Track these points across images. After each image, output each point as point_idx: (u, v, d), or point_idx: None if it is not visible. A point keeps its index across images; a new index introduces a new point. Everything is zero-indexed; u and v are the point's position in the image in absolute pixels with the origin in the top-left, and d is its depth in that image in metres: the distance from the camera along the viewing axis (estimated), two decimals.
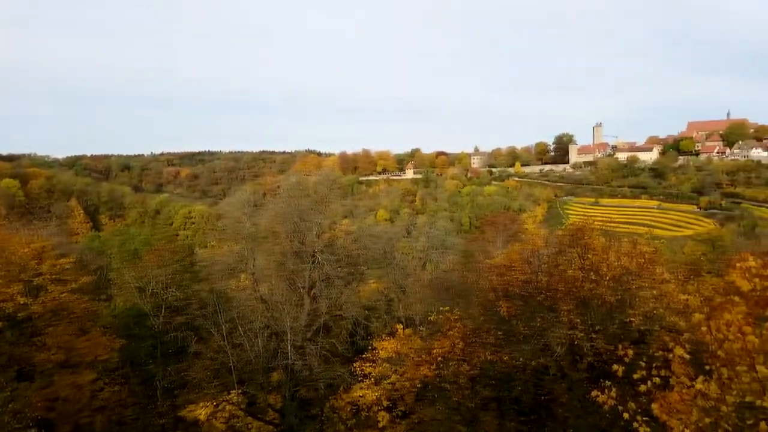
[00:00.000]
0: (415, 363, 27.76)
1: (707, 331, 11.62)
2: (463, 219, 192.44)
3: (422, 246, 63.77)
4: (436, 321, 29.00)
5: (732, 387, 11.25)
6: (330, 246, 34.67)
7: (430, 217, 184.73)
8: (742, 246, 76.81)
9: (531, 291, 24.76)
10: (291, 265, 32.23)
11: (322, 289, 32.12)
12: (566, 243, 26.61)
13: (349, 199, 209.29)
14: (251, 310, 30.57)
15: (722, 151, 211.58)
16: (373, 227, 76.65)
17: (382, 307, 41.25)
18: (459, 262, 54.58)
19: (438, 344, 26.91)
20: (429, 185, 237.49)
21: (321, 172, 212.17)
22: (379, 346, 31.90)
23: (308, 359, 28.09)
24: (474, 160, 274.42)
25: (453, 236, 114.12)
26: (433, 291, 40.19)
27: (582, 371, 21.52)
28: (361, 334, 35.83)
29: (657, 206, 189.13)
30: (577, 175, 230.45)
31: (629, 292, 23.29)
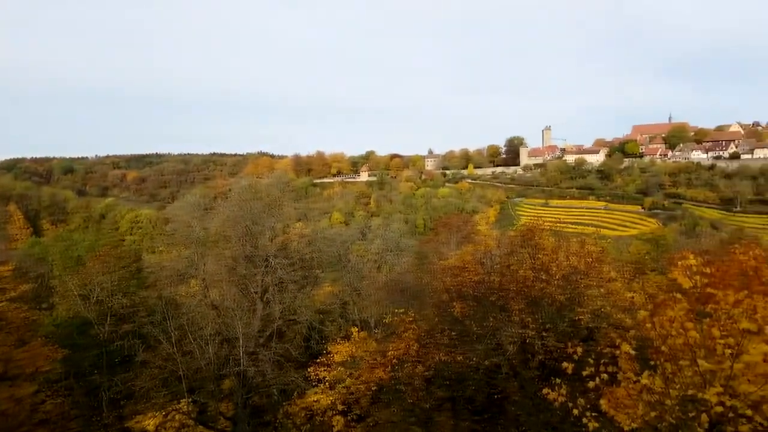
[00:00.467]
0: (370, 366, 27.69)
1: (652, 327, 11.98)
2: (418, 221, 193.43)
3: (377, 248, 63.77)
4: (391, 323, 29.04)
5: (675, 381, 11.61)
6: (283, 250, 34.18)
7: (385, 219, 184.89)
8: (684, 245, 79.86)
9: (484, 291, 25.01)
10: (243, 269, 31.62)
11: (275, 294, 31.62)
12: (517, 243, 27.04)
13: (302, 202, 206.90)
14: (202, 317, 29.83)
15: (664, 154, 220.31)
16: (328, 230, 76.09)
17: (336, 310, 41.01)
18: (414, 264, 54.81)
19: (393, 346, 26.93)
20: (384, 187, 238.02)
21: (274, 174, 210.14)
22: (334, 350, 31.67)
23: (261, 365, 27.61)
24: (428, 163, 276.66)
25: (408, 238, 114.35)
26: (388, 293, 40.15)
27: (533, 369, 21.88)
28: (315, 339, 35.50)
29: (604, 207, 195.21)
30: (528, 177, 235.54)
31: (578, 290, 23.85)
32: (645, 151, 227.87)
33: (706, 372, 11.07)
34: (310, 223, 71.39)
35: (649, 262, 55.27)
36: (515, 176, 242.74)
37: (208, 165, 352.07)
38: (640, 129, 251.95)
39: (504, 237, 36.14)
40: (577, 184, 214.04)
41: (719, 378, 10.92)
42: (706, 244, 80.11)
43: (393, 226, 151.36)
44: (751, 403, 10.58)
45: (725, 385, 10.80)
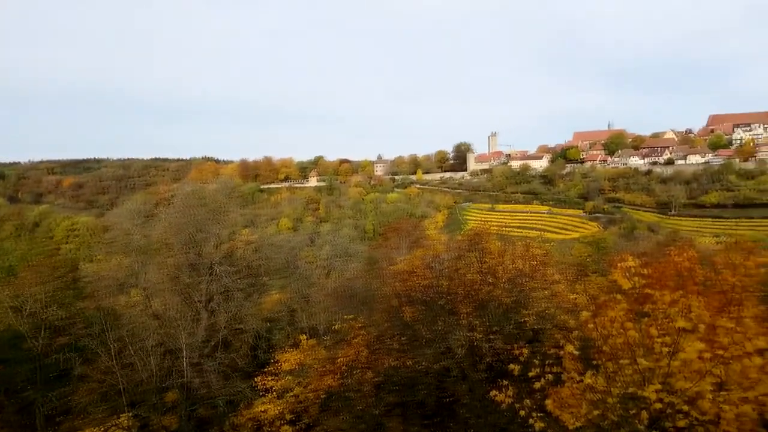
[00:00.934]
0: (320, 373, 27.33)
1: (594, 327, 12.28)
2: (367, 226, 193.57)
3: (326, 254, 63.41)
4: (340, 330, 28.76)
5: (617, 379, 11.93)
6: (229, 257, 33.43)
7: (335, 225, 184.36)
8: (623, 247, 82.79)
9: (433, 295, 25.12)
10: (186, 278, 30.71)
11: (220, 303, 30.85)
12: (465, 248, 27.33)
13: (249, 208, 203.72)
14: (143, 328, 28.75)
15: (604, 159, 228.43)
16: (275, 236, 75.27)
17: (284, 318, 40.35)
18: (363, 270, 54.62)
19: (342, 353, 26.68)
20: (333, 193, 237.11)
21: (219, 180, 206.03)
22: (282, 359, 31.11)
23: (206, 376, 26.87)
24: (377, 168, 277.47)
25: (357, 244, 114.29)
26: (338, 299, 39.84)
27: (481, 372, 22.12)
28: (263, 348, 34.81)
29: (547, 211, 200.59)
30: (475, 182, 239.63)
31: (523, 293, 24.31)
32: (586, 157, 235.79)
33: (645, 370, 11.42)
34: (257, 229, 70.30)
35: (590, 264, 56.99)
36: (463, 181, 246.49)
37: (149, 170, 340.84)
38: (581, 136, 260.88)
39: (452, 241, 36.54)
40: (522, 189, 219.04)
41: (658, 375, 11.29)
42: (643, 246, 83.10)
43: (342, 232, 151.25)
44: (688, 399, 10.97)
45: (663, 383, 11.17)
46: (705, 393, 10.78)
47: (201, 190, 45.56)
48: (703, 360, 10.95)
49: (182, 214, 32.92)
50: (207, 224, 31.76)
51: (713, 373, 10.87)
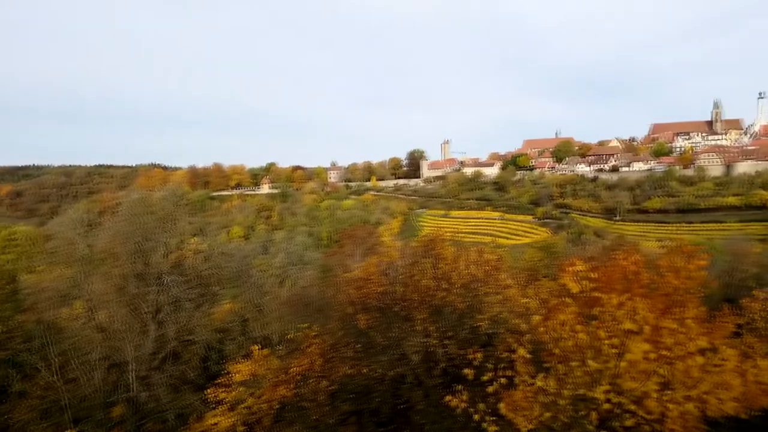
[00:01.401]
0: (273, 384, 26.86)
1: (545, 331, 12.52)
2: (322, 233, 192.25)
3: (280, 262, 62.62)
4: (294, 339, 28.38)
5: (567, 381, 12.17)
6: (178, 266, 32.58)
7: (288, 232, 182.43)
8: (572, 252, 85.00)
9: (388, 302, 25.08)
10: (133, 289, 29.70)
11: (169, 314, 29.98)
12: (420, 254, 27.40)
13: (199, 216, 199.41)
14: (87, 341, 27.63)
15: (553, 166, 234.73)
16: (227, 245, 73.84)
17: (237, 328, 39.56)
18: (318, 277, 54.22)
19: (296, 362, 26.30)
20: (286, 200, 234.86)
21: (167, 187, 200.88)
22: (234, 370, 30.40)
23: (155, 390, 26.05)
24: (331, 175, 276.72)
25: (312, 251, 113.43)
26: (292, 308, 39.34)
27: (436, 377, 22.18)
28: (214, 359, 34.01)
29: (500, 217, 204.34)
30: (429, 189, 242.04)
31: (477, 298, 24.53)
32: (536, 164, 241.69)
33: (595, 371, 11.70)
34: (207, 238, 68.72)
35: (541, 268, 58.32)
36: (417, 188, 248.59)
37: (93, 177, 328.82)
38: (530, 143, 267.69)
39: (407, 248, 36.58)
40: (475, 196, 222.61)
41: (606, 377, 11.57)
42: (591, 251, 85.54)
43: (297, 240, 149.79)
44: (635, 398, 11.29)
45: (612, 383, 11.46)
46: (651, 392, 11.12)
47: (148, 198, 44.26)
48: (649, 360, 11.30)
49: (128, 222, 31.91)
50: (155, 233, 30.87)
51: (658, 373, 11.22)
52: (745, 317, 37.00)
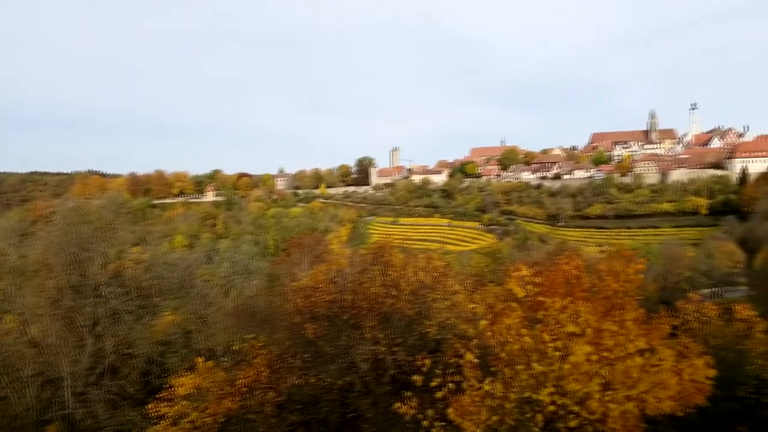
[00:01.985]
0: (218, 397, 26.13)
1: (491, 335, 12.64)
2: (269, 242, 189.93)
3: (225, 272, 61.29)
4: (240, 350, 27.76)
5: (513, 385, 12.32)
6: (117, 277, 31.33)
7: (234, 241, 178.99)
8: (517, 257, 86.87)
9: (336, 310, 24.90)
10: (69, 301, 28.37)
11: (108, 327, 28.75)
12: (369, 261, 27.40)
13: (140, 225, 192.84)
14: (18, 357, 26.16)
15: (499, 174, 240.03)
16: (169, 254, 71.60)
17: (179, 340, 38.32)
18: (264, 287, 53.34)
19: (242, 374, 25.70)
20: (232, 208, 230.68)
21: (106, 195, 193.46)
22: (177, 383, 29.43)
23: (92, 406, 24.91)
24: (279, 182, 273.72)
25: (258, 260, 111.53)
26: (237, 319, 38.48)
27: (385, 385, 22.13)
28: (155, 373, 32.78)
29: (447, 224, 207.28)
30: (378, 196, 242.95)
31: (425, 304, 24.68)
32: (482, 171, 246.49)
33: (540, 374, 11.89)
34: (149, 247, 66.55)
35: (488, 274, 59.25)
36: (366, 195, 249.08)
37: (26, 185, 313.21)
38: (477, 151, 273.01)
39: (356, 255, 36.53)
40: (424, 203, 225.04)
41: (551, 379, 11.78)
42: (535, 256, 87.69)
43: (242, 248, 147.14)
44: (578, 399, 11.53)
45: (556, 385, 11.67)
46: (593, 393, 11.38)
47: (85, 206, 42.30)
48: (591, 362, 11.56)
49: (64, 232, 30.49)
50: (92, 243, 29.64)
51: (600, 374, 11.50)
52: (680, 318, 38.71)
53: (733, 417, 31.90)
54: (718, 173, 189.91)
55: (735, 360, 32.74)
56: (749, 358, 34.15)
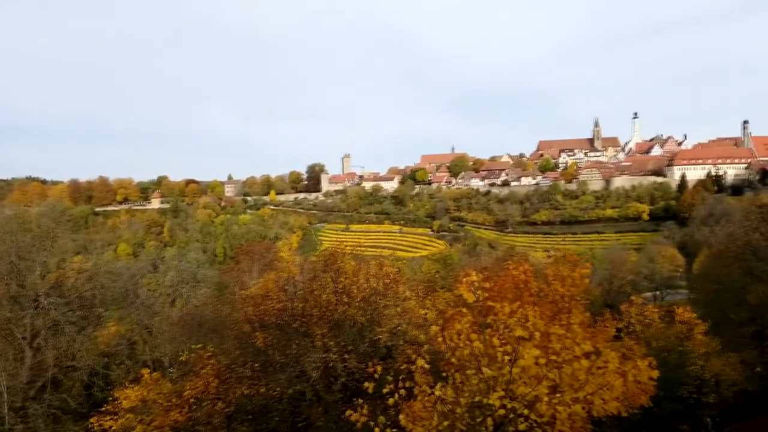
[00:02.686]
0: (165, 409, 25.37)
1: (442, 340, 12.70)
2: (217, 249, 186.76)
3: (171, 281, 59.83)
4: (187, 360, 27.09)
5: (464, 389, 12.40)
6: (58, 287, 30.08)
7: (181, 249, 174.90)
8: (467, 263, 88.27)
9: (287, 319, 24.62)
10: (7, 312, 27.05)
11: (48, 339, 27.54)
12: (320, 268, 27.25)
13: (82, 233, 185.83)
14: None
15: (449, 181, 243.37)
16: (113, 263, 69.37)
17: (124, 351, 37.06)
18: (213, 296, 52.36)
19: (190, 385, 25.05)
20: (179, 215, 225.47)
21: (46, 202, 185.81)
22: (122, 396, 28.41)
23: (31, 421, 23.78)
24: (228, 189, 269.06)
25: (206, 268, 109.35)
26: (184, 328, 37.60)
27: (336, 393, 21.98)
28: (99, 385, 31.55)
29: (399, 230, 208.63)
30: (329, 203, 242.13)
31: (377, 311, 24.71)
32: (433, 178, 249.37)
33: (490, 378, 12.01)
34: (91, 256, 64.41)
35: (438, 280, 59.97)
36: (317, 202, 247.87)
37: None
38: (428, 158, 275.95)
39: (307, 262, 36.23)
40: (375, 210, 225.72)
41: (500, 383, 11.92)
42: (485, 261, 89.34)
43: (189, 256, 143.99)
44: (527, 403, 11.70)
45: (506, 389, 11.82)
46: (542, 396, 11.57)
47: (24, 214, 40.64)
48: (539, 365, 11.76)
49: (1, 240, 29.16)
50: (31, 251, 28.40)
51: (548, 377, 11.71)
52: (624, 321, 40.17)
53: (675, 416, 33.24)
54: (659, 180, 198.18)
55: (677, 361, 34.18)
56: (690, 358, 35.73)
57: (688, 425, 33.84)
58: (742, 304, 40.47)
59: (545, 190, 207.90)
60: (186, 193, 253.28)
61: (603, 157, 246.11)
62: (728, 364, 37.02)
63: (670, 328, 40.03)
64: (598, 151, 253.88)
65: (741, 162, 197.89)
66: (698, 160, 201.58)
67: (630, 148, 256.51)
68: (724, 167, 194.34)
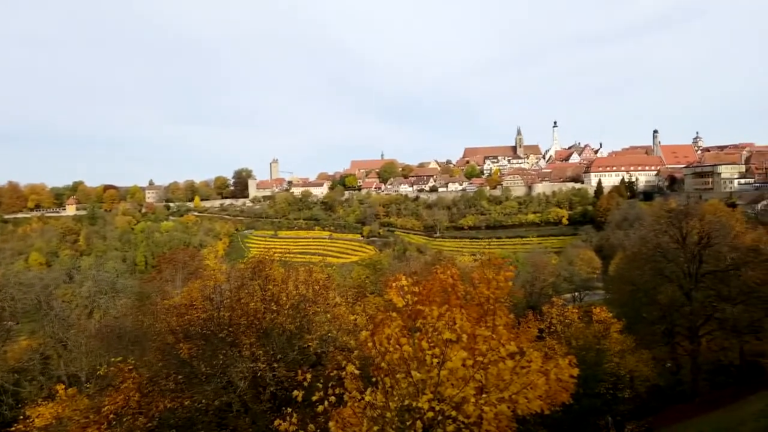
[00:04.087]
0: (81, 426, 24.01)
1: (372, 346, 12.75)
2: (138, 258, 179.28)
3: (88, 291, 56.83)
4: (106, 374, 25.81)
5: (394, 394, 12.49)
6: None
7: (98, 257, 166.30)
8: (397, 268, 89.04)
9: (213, 328, 23.97)
10: None
11: None
12: (248, 276, 26.72)
13: None
14: None
15: (378, 186, 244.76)
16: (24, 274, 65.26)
17: (36, 367, 34.94)
18: (133, 306, 50.16)
19: (109, 400, 23.83)
20: (96, 222, 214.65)
21: None
22: (34, 414, 26.68)
23: None
24: (149, 195, 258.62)
25: (126, 278, 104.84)
26: (103, 341, 35.85)
27: (265, 402, 21.61)
28: (8, 403, 29.64)
29: (328, 236, 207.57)
30: (257, 209, 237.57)
31: (307, 318, 24.52)
32: (362, 184, 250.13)
33: (419, 381, 12.17)
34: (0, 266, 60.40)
35: (368, 285, 60.17)
36: (244, 208, 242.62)
37: None
38: (357, 164, 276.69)
39: (234, 270, 35.40)
40: (304, 216, 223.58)
41: (429, 386, 12.10)
42: (414, 266, 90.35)
43: (108, 266, 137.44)
44: (455, 404, 11.94)
45: (434, 392, 12.01)
46: (469, 397, 11.84)
47: None
48: (467, 367, 12.03)
49: None
50: None
51: (475, 379, 11.99)
52: (546, 322, 41.78)
53: (594, 412, 34.84)
54: (577, 186, 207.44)
55: (595, 359, 35.85)
56: (607, 356, 37.58)
57: (605, 419, 35.58)
58: (654, 304, 42.99)
59: (471, 196, 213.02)
60: (104, 200, 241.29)
61: (525, 164, 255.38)
62: (641, 360, 39.26)
63: (589, 327, 41.95)
64: (521, 158, 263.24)
65: (651, 169, 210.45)
66: (613, 167, 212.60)
67: (550, 156, 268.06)
68: (636, 174, 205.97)
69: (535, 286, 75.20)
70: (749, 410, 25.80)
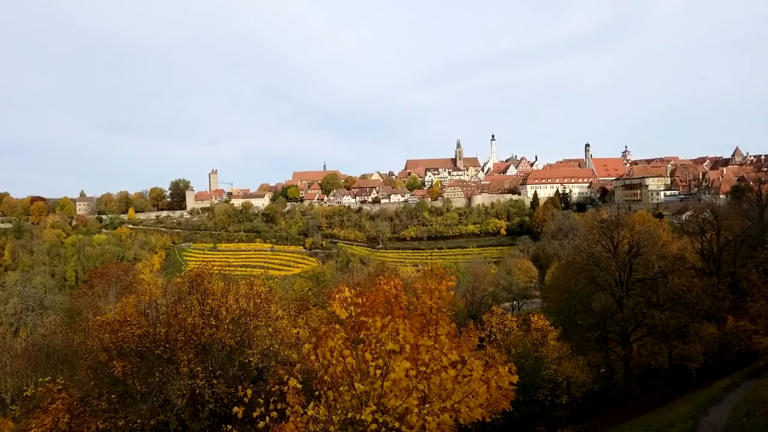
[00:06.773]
0: None
1: (315, 359, 12.63)
2: (68, 273, 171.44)
3: (14, 308, 53.89)
4: (33, 395, 24.44)
5: (337, 407, 12.40)
6: None
7: (25, 273, 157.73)
8: (340, 279, 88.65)
9: (149, 345, 23.15)
10: None
11: None
12: (185, 290, 26.04)
13: None
14: None
15: (321, 198, 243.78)
16: None
17: None
18: (63, 323, 47.91)
19: (36, 423, 22.56)
20: (22, 236, 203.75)
21: None
22: None
23: None
24: (80, 207, 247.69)
25: (55, 294, 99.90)
26: (30, 360, 34.13)
27: (204, 420, 21.02)
28: None
29: (270, 248, 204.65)
30: (195, 221, 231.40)
31: (248, 332, 24.06)
32: (305, 195, 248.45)
33: (362, 394, 12.13)
34: None
35: (311, 297, 59.62)
36: (182, 220, 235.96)
37: None
38: (300, 175, 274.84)
39: (171, 284, 34.40)
40: (245, 228, 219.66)
41: (372, 397, 12.08)
42: (357, 277, 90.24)
43: (35, 281, 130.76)
44: (398, 415, 11.95)
45: (377, 403, 11.99)
46: (412, 408, 11.88)
47: None
48: (410, 377, 12.08)
49: None
50: None
51: (418, 389, 12.06)
52: (486, 330, 42.61)
53: (533, 418, 35.71)
54: (515, 198, 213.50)
55: (533, 366, 36.82)
56: (545, 363, 38.67)
57: (543, 426, 36.50)
58: (588, 311, 44.58)
59: (413, 208, 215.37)
60: (31, 212, 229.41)
61: (465, 176, 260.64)
62: (578, 366, 40.57)
63: (527, 335, 43.07)
64: (461, 171, 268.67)
65: (584, 181, 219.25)
66: (548, 179, 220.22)
67: (488, 168, 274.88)
68: (570, 186, 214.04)
69: (476, 296, 76.48)
70: (678, 412, 27.06)
